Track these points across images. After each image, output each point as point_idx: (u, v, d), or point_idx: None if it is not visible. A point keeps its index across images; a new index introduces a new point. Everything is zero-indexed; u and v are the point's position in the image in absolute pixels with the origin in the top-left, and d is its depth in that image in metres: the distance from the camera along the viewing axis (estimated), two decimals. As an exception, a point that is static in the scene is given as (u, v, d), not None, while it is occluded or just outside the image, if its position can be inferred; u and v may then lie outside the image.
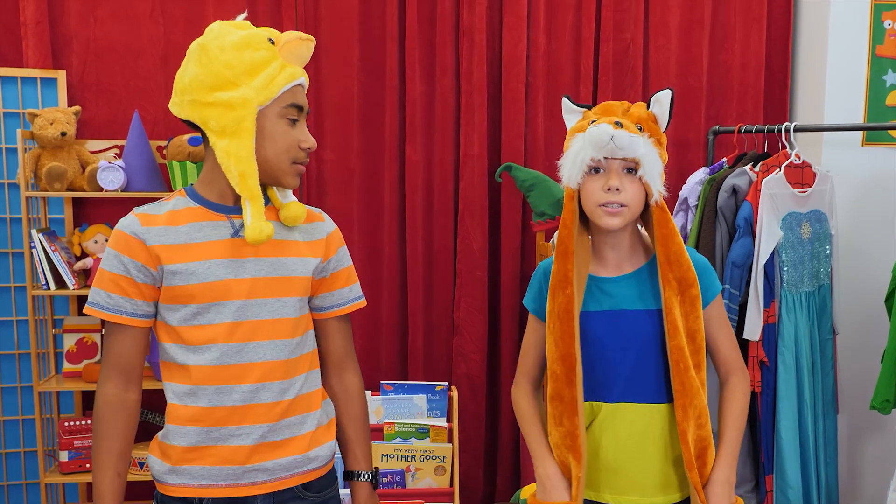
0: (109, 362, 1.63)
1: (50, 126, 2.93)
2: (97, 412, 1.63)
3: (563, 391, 1.74)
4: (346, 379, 1.81)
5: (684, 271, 1.73)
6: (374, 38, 3.34)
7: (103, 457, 1.62)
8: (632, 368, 1.75)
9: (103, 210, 3.20)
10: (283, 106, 1.59)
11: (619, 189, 1.68)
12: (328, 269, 1.74)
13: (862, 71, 3.30)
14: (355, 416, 1.81)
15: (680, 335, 1.71)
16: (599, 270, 1.80)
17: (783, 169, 2.90)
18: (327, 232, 1.74)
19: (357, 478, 1.80)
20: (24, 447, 3.22)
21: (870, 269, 3.26)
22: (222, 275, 1.60)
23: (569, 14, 3.42)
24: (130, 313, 1.60)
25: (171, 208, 1.63)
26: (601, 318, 1.77)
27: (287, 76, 1.58)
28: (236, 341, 1.61)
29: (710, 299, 1.79)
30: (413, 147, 3.36)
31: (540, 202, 3.20)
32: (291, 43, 1.59)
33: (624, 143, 1.67)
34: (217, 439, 1.62)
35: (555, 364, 1.75)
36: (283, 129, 1.60)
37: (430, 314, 3.46)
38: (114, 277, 1.59)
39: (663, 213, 1.73)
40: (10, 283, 3.17)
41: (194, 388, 1.61)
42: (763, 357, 2.88)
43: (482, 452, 3.49)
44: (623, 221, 1.71)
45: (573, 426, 1.73)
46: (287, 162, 1.62)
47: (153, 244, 1.59)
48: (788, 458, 2.89)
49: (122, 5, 3.19)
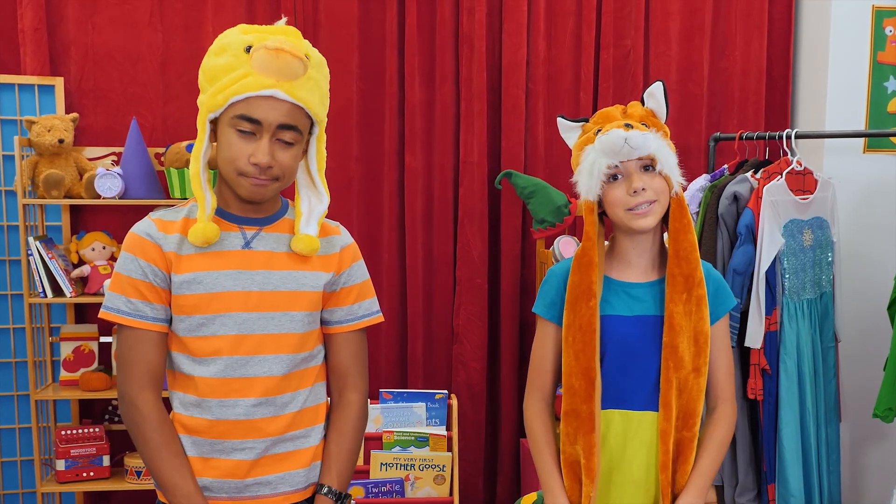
0: (140, 370, 1.58)
1: (47, 133, 2.92)
2: (147, 422, 1.57)
3: (581, 407, 1.70)
4: (346, 395, 1.74)
5: (692, 269, 1.70)
6: (373, 45, 3.33)
7: (175, 461, 1.58)
8: (657, 375, 1.71)
9: (101, 217, 3.19)
10: (232, 116, 1.52)
11: (645, 189, 1.68)
12: (339, 284, 1.70)
13: (863, 77, 3.29)
14: (342, 430, 1.72)
15: (676, 334, 1.68)
16: (627, 275, 1.77)
17: (784, 176, 2.89)
18: (342, 246, 1.71)
19: (319, 490, 1.69)
20: (20, 456, 3.20)
21: (872, 277, 3.25)
22: (229, 286, 1.58)
23: (569, 21, 3.41)
24: (153, 318, 1.58)
25: (185, 215, 1.62)
26: (631, 323, 1.73)
27: (243, 86, 1.50)
28: (241, 354, 1.59)
29: (718, 316, 1.76)
30: (413, 154, 3.35)
31: (540, 209, 3.19)
32: (257, 52, 1.50)
33: (638, 143, 1.66)
34: (220, 451, 1.60)
35: (573, 378, 1.71)
36: (231, 139, 1.53)
37: (430, 322, 3.45)
38: (133, 282, 1.57)
39: (680, 206, 1.72)
40: (7, 291, 3.15)
41: (199, 399, 1.59)
42: (765, 365, 2.87)
43: (482, 461, 3.47)
44: (656, 219, 1.70)
45: (589, 444, 1.69)
46: (232, 173, 1.55)
47: (168, 250, 1.57)
48: (791, 466, 2.88)
49: (120, 12, 3.17)
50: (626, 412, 1.73)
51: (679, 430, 1.70)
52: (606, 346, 1.72)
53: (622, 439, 1.73)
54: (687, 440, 1.71)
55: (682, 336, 1.69)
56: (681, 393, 1.69)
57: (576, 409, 1.71)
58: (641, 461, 1.73)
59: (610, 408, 1.73)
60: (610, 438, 1.73)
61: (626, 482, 1.74)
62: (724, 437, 1.77)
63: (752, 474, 3.03)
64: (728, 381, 1.79)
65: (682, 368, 1.69)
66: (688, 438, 1.71)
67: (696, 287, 1.70)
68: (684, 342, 1.69)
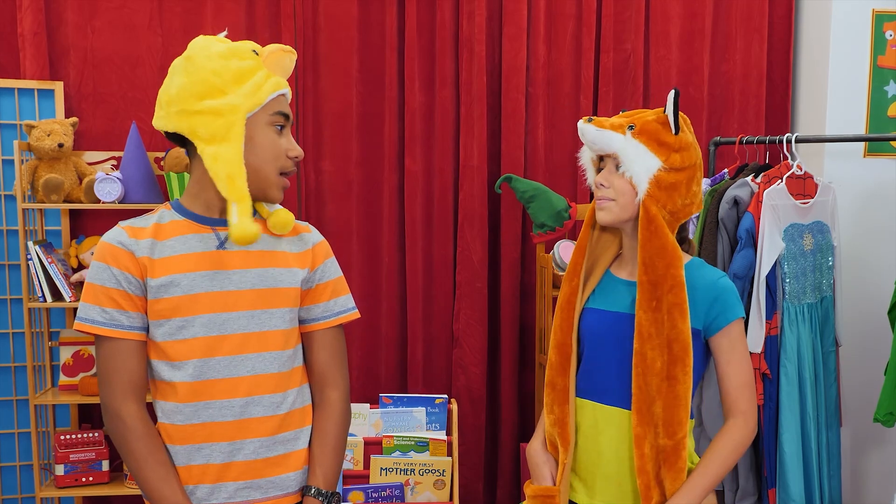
0: (121, 380, 1.57)
1: (47, 137, 2.92)
2: (132, 433, 1.56)
3: (557, 379, 1.80)
4: (327, 393, 1.72)
5: (658, 276, 1.68)
6: (373, 48, 3.33)
7: (161, 470, 1.57)
8: (629, 375, 1.72)
9: (100, 222, 3.18)
10: (271, 113, 1.60)
11: (605, 184, 1.73)
12: (314, 281, 1.71)
13: (863, 81, 3.29)
14: (324, 431, 1.71)
15: (644, 340, 1.68)
16: (621, 272, 1.83)
17: (785, 180, 2.88)
18: (314, 242, 1.73)
19: (307, 492, 1.68)
20: (19, 461, 3.19)
21: (872, 281, 3.25)
22: (207, 287, 1.58)
23: (569, 24, 3.41)
24: (129, 327, 1.57)
25: (156, 221, 1.62)
26: (607, 318, 1.78)
27: (273, 84, 1.60)
28: (224, 355, 1.59)
29: (719, 326, 1.72)
30: (412, 157, 3.34)
31: (540, 213, 3.18)
32: (275, 54, 1.61)
33: (592, 137, 1.73)
34: (208, 456, 1.59)
35: (552, 351, 1.82)
36: (271, 137, 1.61)
37: (430, 326, 3.44)
38: (107, 291, 1.56)
39: (647, 213, 1.70)
40: (7, 296, 3.15)
41: (182, 405, 1.58)
42: (765, 369, 2.86)
43: (482, 466, 3.47)
44: (610, 216, 1.74)
45: (563, 413, 1.78)
46: (274, 172, 1.61)
47: (142, 255, 1.57)
48: (791, 470, 2.87)
49: (119, 16, 3.17)
50: (596, 404, 1.78)
51: (660, 437, 1.68)
52: (584, 336, 1.80)
53: (594, 430, 1.78)
54: (671, 448, 1.68)
55: (652, 343, 1.68)
56: (654, 400, 1.68)
57: (552, 380, 1.81)
58: (613, 456, 1.76)
59: (583, 398, 1.80)
60: (584, 427, 1.80)
61: (601, 476, 1.78)
62: (724, 449, 1.70)
63: (753, 479, 3.02)
64: (739, 395, 1.72)
65: (653, 375, 1.68)
66: (671, 446, 1.67)
67: (666, 294, 1.67)
68: (654, 349, 1.68)
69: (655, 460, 1.69)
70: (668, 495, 1.69)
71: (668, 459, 1.69)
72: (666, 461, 1.69)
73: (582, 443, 1.80)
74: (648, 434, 1.68)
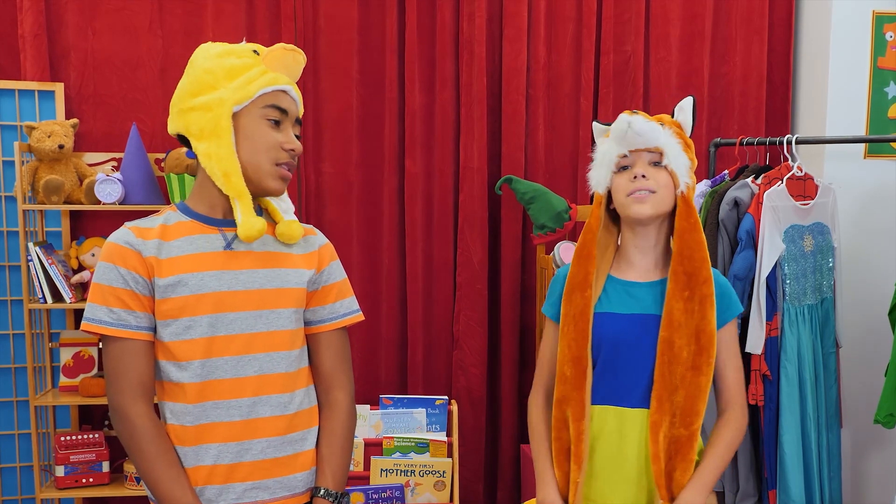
0: (129, 381, 1.56)
1: (47, 139, 2.92)
2: (142, 433, 1.56)
3: (572, 394, 1.74)
4: (333, 394, 1.73)
5: (696, 267, 1.71)
6: (373, 50, 3.33)
7: (172, 471, 1.56)
8: (652, 374, 1.72)
9: (100, 223, 3.18)
10: (262, 107, 1.59)
11: (646, 176, 1.71)
12: (320, 282, 1.71)
13: (864, 83, 3.29)
14: (332, 431, 1.72)
15: (674, 329, 1.69)
16: (627, 274, 1.80)
17: (785, 181, 2.88)
18: (320, 244, 1.74)
19: (316, 493, 1.69)
20: (19, 462, 3.19)
21: (872, 282, 3.25)
22: (214, 287, 1.58)
23: (569, 26, 3.41)
24: (136, 327, 1.57)
25: (162, 222, 1.62)
26: (625, 321, 1.75)
27: (268, 80, 1.59)
28: (231, 354, 1.59)
29: (724, 321, 1.78)
30: (412, 159, 3.34)
31: (540, 215, 3.18)
32: (275, 52, 1.61)
33: (643, 129, 1.70)
34: (216, 457, 1.59)
35: (565, 366, 1.76)
36: (263, 129, 1.60)
37: (430, 327, 3.44)
38: (114, 291, 1.55)
39: (687, 205, 1.73)
40: (7, 297, 3.15)
41: (191, 406, 1.58)
42: (766, 371, 2.86)
43: (482, 467, 3.46)
44: (652, 208, 1.72)
45: (579, 430, 1.72)
46: (268, 162, 1.60)
47: (149, 255, 1.57)
48: (792, 472, 2.87)
49: (120, 18, 3.18)
50: (621, 409, 1.75)
51: (676, 427, 1.70)
52: (601, 342, 1.75)
53: (618, 436, 1.75)
54: (685, 438, 1.70)
55: (681, 332, 1.69)
56: (677, 389, 1.69)
57: (567, 396, 1.75)
58: (635, 458, 1.74)
59: (605, 404, 1.75)
60: (605, 435, 1.75)
61: (622, 479, 1.75)
62: (731, 440, 1.77)
63: (753, 480, 3.02)
64: (737, 387, 1.81)
65: (679, 364, 1.69)
66: (685, 436, 1.70)
67: (700, 285, 1.70)
68: (682, 338, 1.69)
69: (668, 450, 1.70)
70: (676, 486, 1.70)
71: (680, 450, 1.70)
72: (679, 451, 1.70)
73: (602, 450, 1.76)
74: (664, 422, 1.69)
